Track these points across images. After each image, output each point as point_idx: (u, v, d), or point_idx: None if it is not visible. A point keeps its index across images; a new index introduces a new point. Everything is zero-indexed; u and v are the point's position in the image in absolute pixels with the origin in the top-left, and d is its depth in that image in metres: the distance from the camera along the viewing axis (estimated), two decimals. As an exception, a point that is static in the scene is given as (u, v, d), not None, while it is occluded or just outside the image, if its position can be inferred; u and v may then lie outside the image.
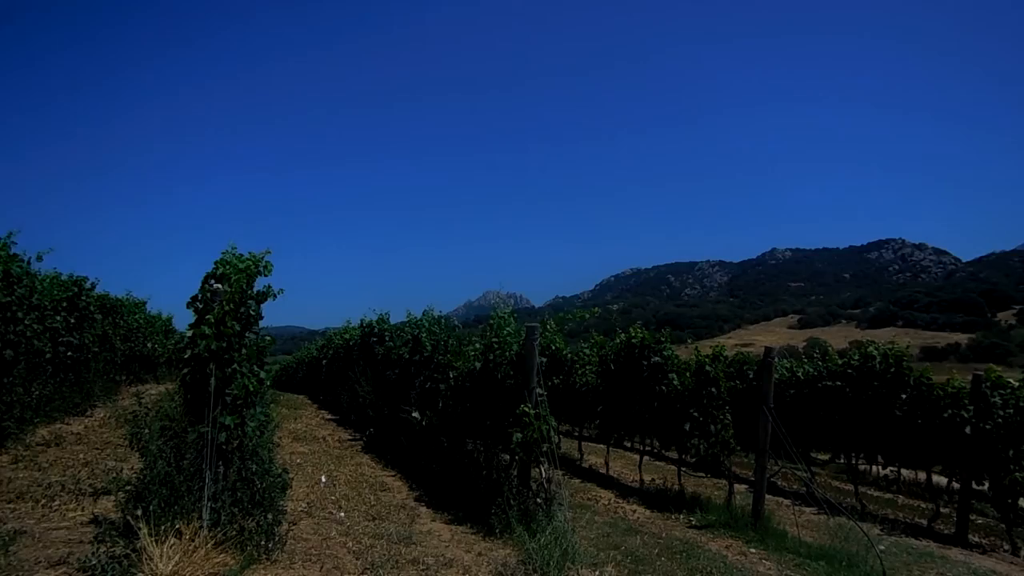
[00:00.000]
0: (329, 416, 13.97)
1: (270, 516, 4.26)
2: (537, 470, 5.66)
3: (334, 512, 5.81)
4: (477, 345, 7.63)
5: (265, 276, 4.69)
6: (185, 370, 4.33)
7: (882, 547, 6.14)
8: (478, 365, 7.03)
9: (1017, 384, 7.48)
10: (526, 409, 5.67)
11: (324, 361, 16.35)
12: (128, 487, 3.97)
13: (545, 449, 5.54)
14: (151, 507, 3.82)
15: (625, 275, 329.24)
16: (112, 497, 4.86)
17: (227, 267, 4.61)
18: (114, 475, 5.33)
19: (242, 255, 4.62)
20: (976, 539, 7.62)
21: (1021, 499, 7.20)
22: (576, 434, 11.66)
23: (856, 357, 8.66)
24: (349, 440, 10.44)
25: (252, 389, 4.32)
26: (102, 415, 9.41)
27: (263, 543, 4.23)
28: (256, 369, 4.47)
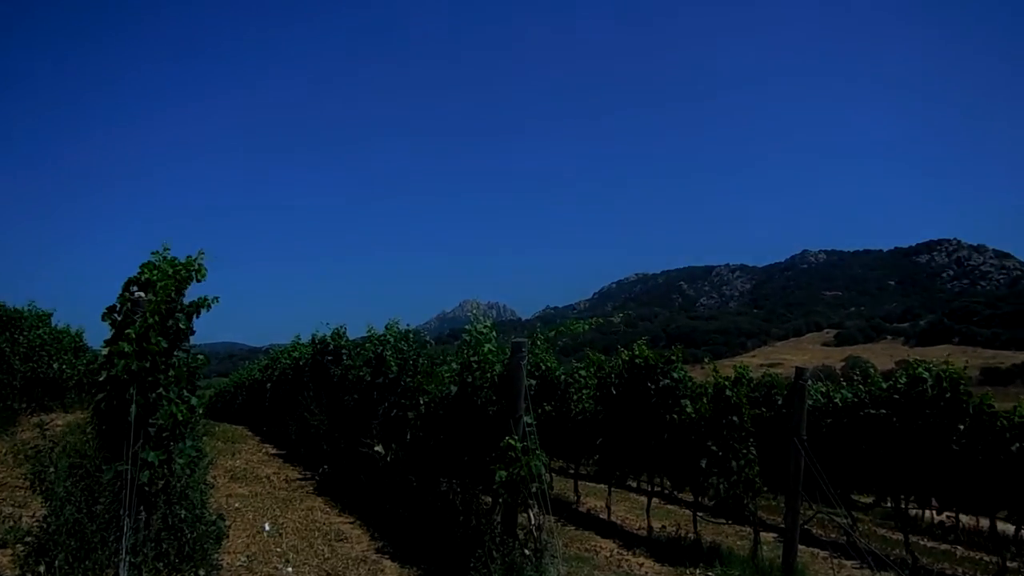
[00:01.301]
0: (274, 451, 14.11)
1: (202, 572, 4.23)
2: (525, 515, 5.69)
3: (279, 567, 5.81)
4: (453, 365, 7.70)
5: (198, 282, 4.72)
6: (100, 396, 4.31)
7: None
8: (454, 389, 7.09)
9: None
10: (511, 442, 5.71)
11: (268, 385, 16.67)
12: (29, 538, 3.94)
13: (534, 490, 5.58)
14: (57, 562, 3.78)
15: (629, 282, 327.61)
16: (9, 550, 4.83)
17: (153, 272, 4.59)
18: (11, 524, 5.29)
19: (175, 259, 4.66)
20: (1051, 598, 7.77)
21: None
22: (572, 472, 11.78)
23: (903, 380, 8.69)
24: (298, 480, 10.53)
25: (181, 418, 4.33)
26: (-4, 450, 9.57)
27: (193, 606, 4.28)
28: (186, 394, 4.50)
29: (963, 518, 10.50)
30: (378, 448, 8.57)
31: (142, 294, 4.45)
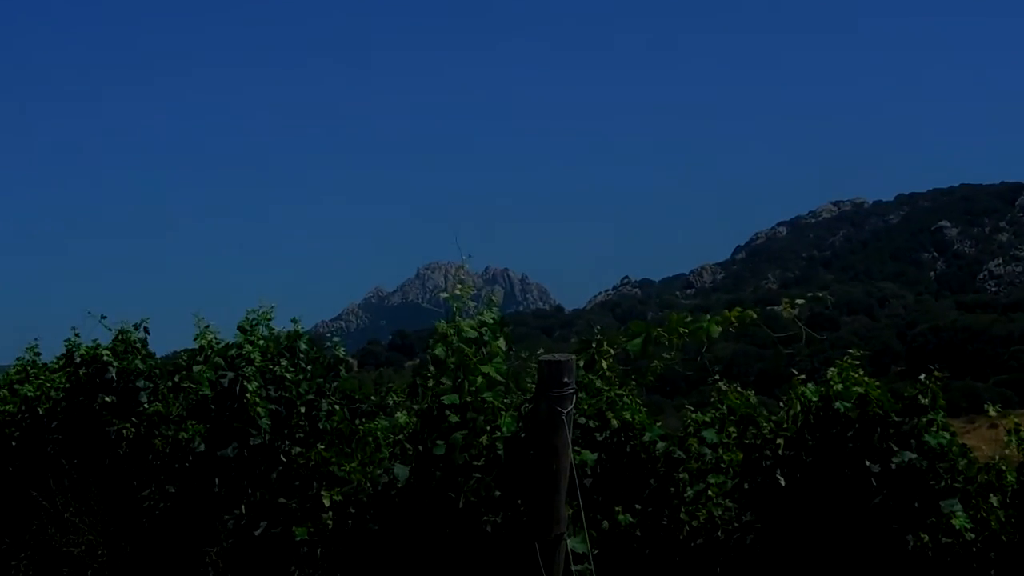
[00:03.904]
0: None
1: None
2: None
3: None
4: (400, 416, 8.42)
5: None
6: None
7: None
8: (402, 473, 7.62)
9: None
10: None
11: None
12: None
13: None
14: None
15: (817, 222, 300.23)
16: None
17: None
18: None
19: None
20: None
21: None
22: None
23: None
24: None
25: None
26: None
27: None
28: None
29: None
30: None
31: None
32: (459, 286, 7.56)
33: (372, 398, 9.51)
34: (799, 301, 8.60)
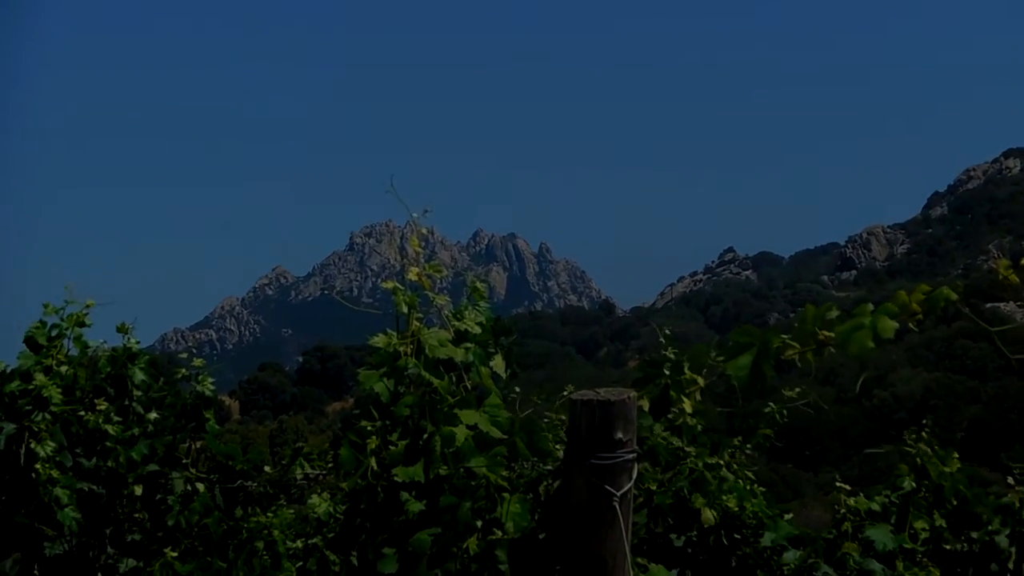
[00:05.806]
0: None
1: None
2: None
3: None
4: (317, 503, 7.88)
5: None
6: None
7: None
8: None
9: None
10: None
11: None
12: None
13: None
14: None
15: None
16: None
17: None
18: None
19: None
20: None
21: None
22: None
23: None
24: None
25: None
26: None
27: None
28: None
29: None
30: None
31: None
32: (414, 269, 5.72)
33: (266, 469, 7.60)
34: None
